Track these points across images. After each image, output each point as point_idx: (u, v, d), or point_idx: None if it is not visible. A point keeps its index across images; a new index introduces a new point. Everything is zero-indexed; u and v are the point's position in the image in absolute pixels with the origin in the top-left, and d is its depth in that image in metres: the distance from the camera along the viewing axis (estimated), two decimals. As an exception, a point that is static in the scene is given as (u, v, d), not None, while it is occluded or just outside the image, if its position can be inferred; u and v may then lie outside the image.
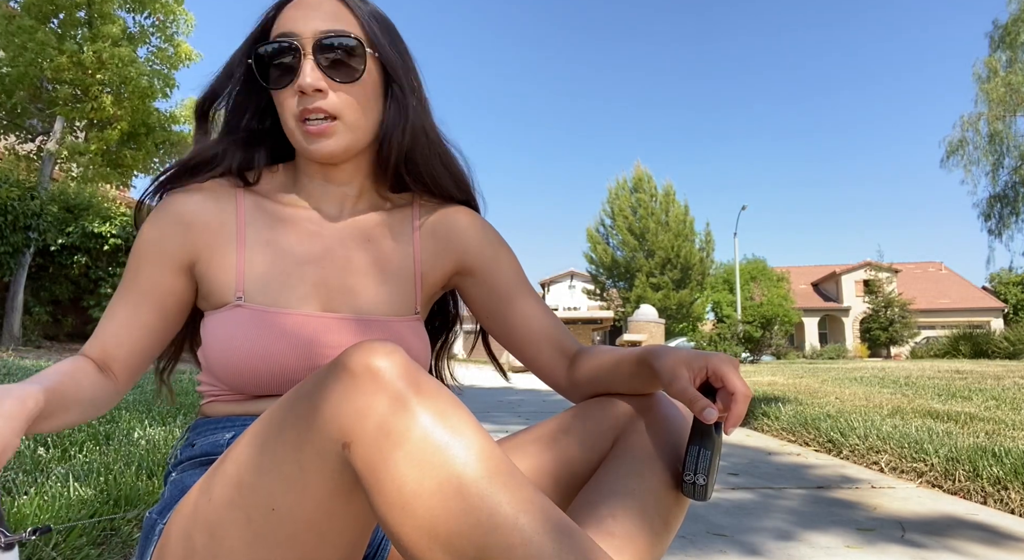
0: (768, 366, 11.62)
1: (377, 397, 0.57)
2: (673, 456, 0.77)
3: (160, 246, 0.86)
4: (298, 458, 0.61)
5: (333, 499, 0.61)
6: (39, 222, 7.73)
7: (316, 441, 0.59)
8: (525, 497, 0.56)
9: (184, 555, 0.67)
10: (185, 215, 0.87)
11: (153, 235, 0.87)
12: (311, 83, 0.81)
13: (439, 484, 0.54)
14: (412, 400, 0.57)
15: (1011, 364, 8.86)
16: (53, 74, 9.80)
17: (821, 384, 5.57)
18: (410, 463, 0.55)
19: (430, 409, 0.57)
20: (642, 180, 28.45)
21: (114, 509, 1.41)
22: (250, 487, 0.63)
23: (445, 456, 0.55)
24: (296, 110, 0.84)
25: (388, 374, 0.58)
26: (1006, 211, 23.72)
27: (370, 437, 0.56)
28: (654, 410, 0.81)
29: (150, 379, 4.63)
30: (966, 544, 1.55)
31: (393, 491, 0.55)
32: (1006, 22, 22.37)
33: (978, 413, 3.38)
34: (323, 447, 0.59)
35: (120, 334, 0.85)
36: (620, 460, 0.77)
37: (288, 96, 0.84)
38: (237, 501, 0.64)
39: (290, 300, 0.86)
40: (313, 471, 0.60)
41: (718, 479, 2.26)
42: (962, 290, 37.00)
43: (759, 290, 30.69)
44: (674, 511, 0.75)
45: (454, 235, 0.97)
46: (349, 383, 0.58)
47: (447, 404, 0.59)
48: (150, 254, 0.86)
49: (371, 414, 0.57)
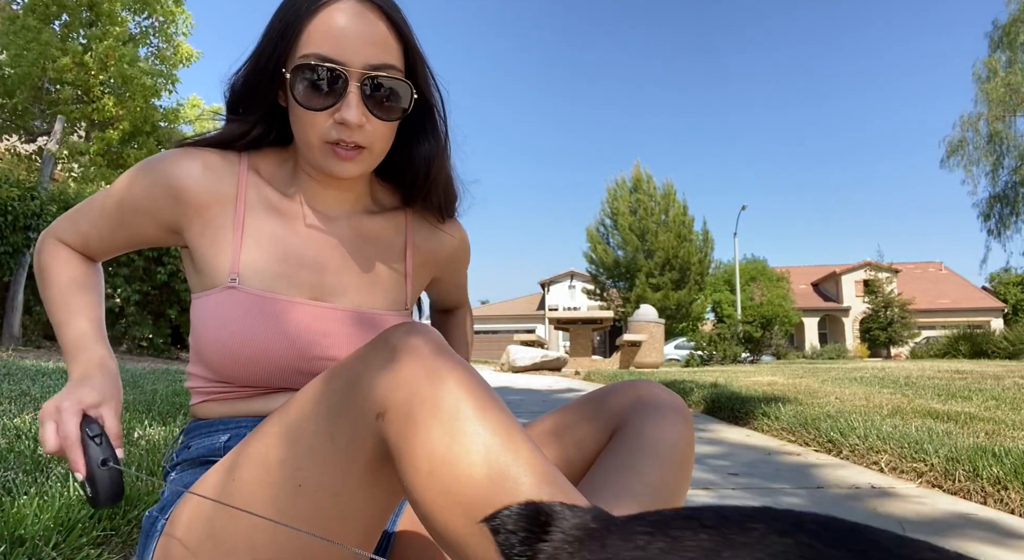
0: (768, 366, 11.62)
1: (414, 369, 0.61)
2: (669, 449, 0.77)
3: (150, 204, 0.89)
4: (331, 431, 0.64)
5: (361, 474, 0.64)
6: (39, 222, 7.72)
7: (351, 412, 0.63)
8: (547, 472, 0.58)
9: (199, 539, 0.68)
10: (178, 185, 0.87)
11: (143, 192, 0.89)
12: (357, 120, 0.81)
13: (467, 451, 0.57)
14: (446, 373, 0.61)
15: (1011, 364, 8.85)
16: (55, 74, 9.80)
17: (821, 384, 5.57)
18: (442, 430, 0.58)
19: (462, 384, 0.60)
20: (641, 180, 28.43)
21: (114, 509, 1.41)
22: (278, 463, 0.65)
23: (475, 426, 0.58)
24: (329, 135, 0.83)
25: (425, 349, 0.62)
26: (1006, 211, 23.73)
27: (405, 405, 0.60)
28: (654, 403, 0.81)
29: (150, 379, 4.63)
30: (966, 544, 1.55)
31: (423, 456, 0.58)
32: (1006, 22, 22.37)
33: (978, 413, 3.38)
34: (357, 419, 0.62)
35: (103, 243, 0.95)
36: (617, 453, 0.77)
37: (321, 118, 0.83)
38: (264, 479, 0.66)
39: (285, 289, 0.86)
40: (345, 443, 0.63)
41: (718, 479, 2.26)
42: (962, 290, 36.99)
43: (759, 290, 30.69)
44: (671, 504, 0.75)
45: (442, 252, 1.06)
46: (389, 355, 0.62)
47: (476, 381, 0.62)
48: (139, 204, 0.90)
49: (407, 385, 0.60)
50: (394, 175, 1.01)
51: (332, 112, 0.82)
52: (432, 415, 0.59)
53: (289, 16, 0.83)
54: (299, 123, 0.85)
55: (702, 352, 16.70)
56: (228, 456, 0.71)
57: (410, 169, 0.97)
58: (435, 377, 0.60)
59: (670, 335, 24.05)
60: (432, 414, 0.59)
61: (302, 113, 0.84)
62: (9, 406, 2.78)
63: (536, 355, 11.06)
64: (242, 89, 0.90)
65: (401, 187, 1.01)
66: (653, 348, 12.78)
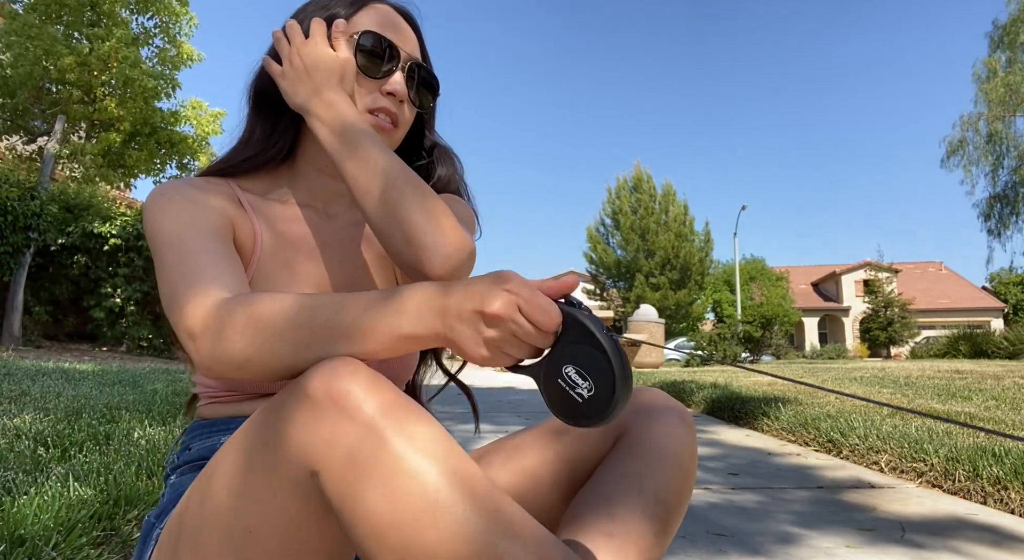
0: (768, 366, 11.62)
1: (343, 424, 0.54)
2: (673, 455, 0.77)
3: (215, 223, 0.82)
4: (269, 482, 0.59)
5: (308, 524, 0.60)
6: (39, 222, 7.72)
7: (284, 467, 0.58)
8: (505, 520, 0.54)
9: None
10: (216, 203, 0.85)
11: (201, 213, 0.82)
12: (404, 92, 0.90)
13: (414, 515, 0.52)
14: (380, 425, 0.55)
15: (1011, 364, 8.85)
16: (57, 74, 9.81)
17: (821, 384, 5.56)
18: (382, 493, 0.53)
19: (400, 432, 0.55)
20: (642, 180, 28.45)
21: (114, 509, 1.41)
22: (226, 507, 0.62)
23: (418, 484, 0.53)
24: (375, 103, 0.89)
25: (354, 399, 0.55)
26: (1006, 211, 23.74)
27: (339, 467, 0.54)
28: (657, 410, 0.81)
29: (150, 379, 4.63)
30: (966, 544, 1.55)
31: (367, 522, 0.53)
32: (1006, 22, 22.38)
33: (978, 413, 3.38)
34: (292, 474, 0.57)
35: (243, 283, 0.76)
36: (620, 460, 0.77)
37: (369, 85, 0.88)
38: (214, 521, 0.63)
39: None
40: (284, 496, 0.59)
41: (718, 479, 2.26)
42: (962, 290, 37.00)
43: (759, 290, 30.70)
44: (674, 511, 0.75)
45: None
46: (312, 411, 0.56)
47: (417, 424, 0.56)
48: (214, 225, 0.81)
49: (338, 443, 0.54)
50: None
51: (381, 83, 0.89)
52: (368, 476, 0.53)
53: (332, 4, 0.90)
54: None
55: (702, 352, 16.71)
56: (192, 486, 0.68)
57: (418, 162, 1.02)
58: (367, 431, 0.54)
59: (670, 335, 24.04)
60: (368, 474, 0.53)
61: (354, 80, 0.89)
62: (9, 406, 2.78)
63: (536, 355, 11.04)
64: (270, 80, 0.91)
65: None
66: (653, 348, 12.78)
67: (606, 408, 0.57)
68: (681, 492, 0.76)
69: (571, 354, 0.58)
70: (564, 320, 0.58)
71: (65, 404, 2.95)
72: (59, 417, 2.56)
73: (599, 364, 0.57)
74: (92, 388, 3.72)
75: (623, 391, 0.57)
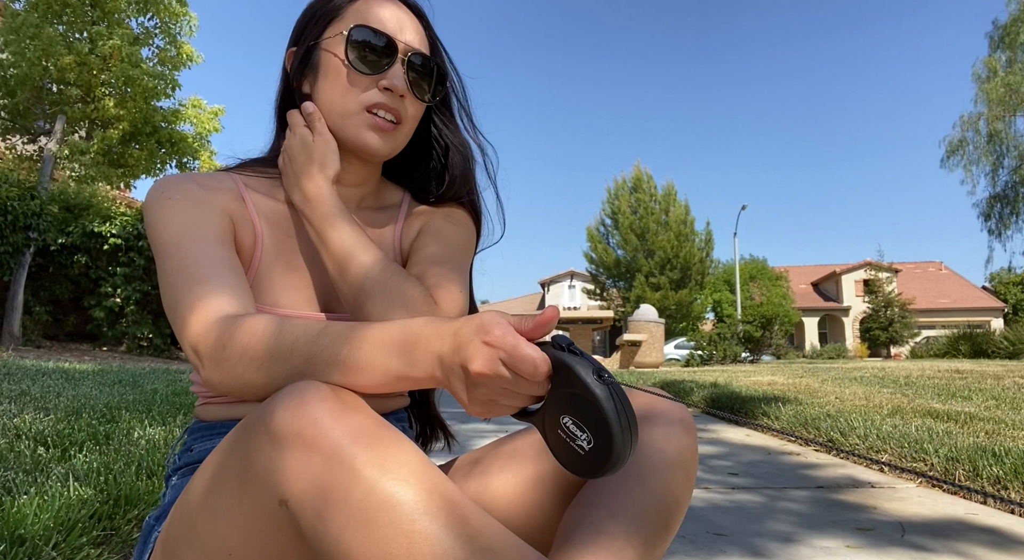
0: (768, 366, 11.62)
1: (309, 455, 0.52)
2: (674, 457, 0.77)
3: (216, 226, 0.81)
4: (242, 508, 0.58)
5: (284, 549, 0.58)
6: (39, 222, 7.72)
7: (254, 495, 0.56)
8: (484, 544, 0.52)
9: None
10: (218, 202, 0.85)
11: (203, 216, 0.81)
12: (402, 87, 0.86)
13: (388, 546, 0.50)
14: (349, 454, 0.52)
15: (1011, 364, 8.85)
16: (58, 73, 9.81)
17: (821, 384, 5.57)
18: (354, 526, 0.51)
19: (371, 460, 0.52)
20: (642, 180, 28.47)
21: (114, 509, 1.41)
22: (205, 529, 0.62)
23: (392, 514, 0.51)
24: (372, 99, 0.85)
25: (320, 426, 0.53)
26: (1006, 211, 23.75)
27: (308, 498, 0.52)
28: (656, 411, 0.80)
29: (150, 379, 4.63)
30: (966, 544, 1.55)
31: (339, 554, 0.52)
32: (1006, 22, 22.39)
33: (978, 413, 3.38)
34: (262, 502, 0.56)
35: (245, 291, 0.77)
36: None
37: (365, 82, 0.86)
38: (195, 541, 0.63)
39: (294, 301, 0.86)
40: (256, 522, 0.57)
41: (718, 479, 2.25)
42: (962, 290, 37.00)
43: (759, 290, 30.69)
44: (674, 514, 0.74)
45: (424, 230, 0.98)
46: (277, 442, 0.54)
47: (388, 449, 0.54)
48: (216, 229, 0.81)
49: (305, 474, 0.52)
50: (403, 173, 1.02)
51: (378, 79, 0.85)
52: (338, 509, 0.51)
53: (329, 3, 0.89)
54: (340, 90, 0.86)
55: (702, 352, 16.70)
56: (179, 499, 0.68)
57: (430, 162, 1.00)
58: (334, 461, 0.52)
59: (670, 335, 24.04)
60: (338, 507, 0.51)
61: (347, 79, 0.86)
62: (9, 406, 2.78)
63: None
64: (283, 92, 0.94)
65: (410, 184, 1.03)
66: (653, 348, 12.79)
67: (608, 461, 0.52)
68: (681, 492, 0.75)
69: (567, 403, 0.54)
70: (553, 365, 0.54)
71: (65, 404, 2.95)
72: (59, 417, 2.56)
73: (594, 414, 0.52)
74: (92, 388, 3.72)
75: (623, 441, 0.52)
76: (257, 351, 0.64)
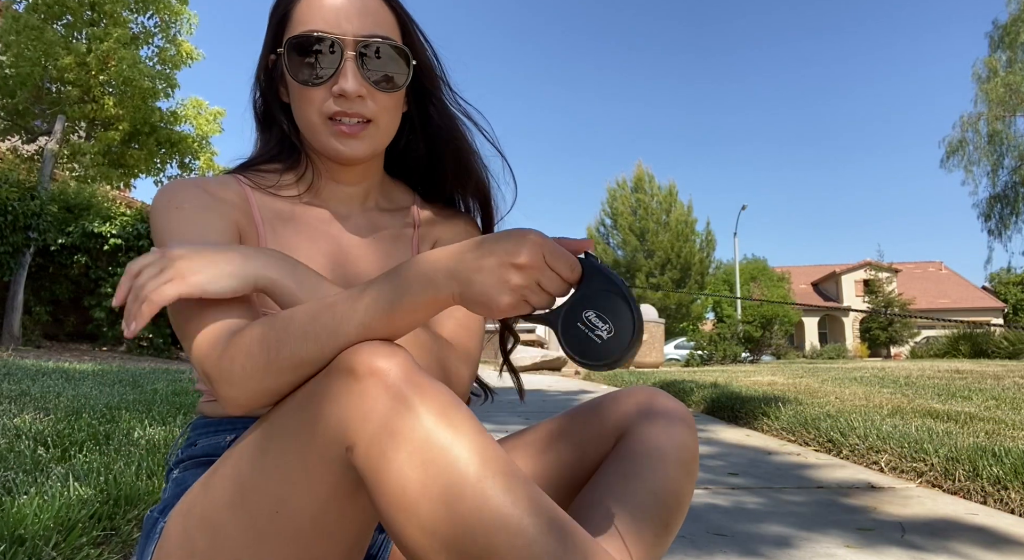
0: (768, 366, 11.61)
1: (379, 398, 0.57)
2: (675, 454, 0.76)
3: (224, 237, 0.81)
4: (303, 462, 0.61)
5: (338, 500, 0.61)
6: (39, 222, 7.72)
7: (320, 445, 0.59)
8: (528, 497, 0.56)
9: (184, 555, 0.67)
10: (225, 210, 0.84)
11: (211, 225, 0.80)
12: (355, 89, 0.80)
13: (443, 486, 0.54)
14: (414, 400, 0.57)
15: (1011, 364, 8.85)
16: (57, 74, 9.82)
17: (821, 384, 5.56)
18: (413, 465, 0.55)
19: (432, 409, 0.57)
20: (642, 180, 28.48)
21: (114, 509, 1.41)
22: (253, 489, 0.63)
23: (448, 457, 0.55)
24: (329, 109, 0.82)
25: (390, 375, 0.57)
26: (1006, 211, 23.76)
27: (373, 439, 0.56)
28: (657, 408, 0.80)
29: (150, 379, 4.63)
30: (966, 545, 1.55)
31: (396, 493, 0.55)
32: (1006, 22, 22.39)
33: (978, 413, 3.38)
34: (327, 451, 0.59)
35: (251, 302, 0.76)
36: (621, 460, 0.77)
37: (319, 94, 0.82)
38: (239, 503, 0.64)
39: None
40: (318, 474, 0.60)
41: (718, 479, 2.25)
42: (962, 290, 37.01)
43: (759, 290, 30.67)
44: (675, 512, 0.74)
45: (446, 239, 0.97)
46: (352, 384, 0.58)
47: (449, 404, 0.58)
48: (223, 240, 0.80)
49: (373, 416, 0.56)
50: (407, 170, 1.01)
51: (330, 85, 0.81)
52: (400, 448, 0.55)
53: (280, 6, 0.85)
54: (299, 104, 0.84)
55: (702, 352, 16.69)
56: (205, 475, 0.69)
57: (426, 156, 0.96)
58: (402, 405, 0.56)
59: (670, 335, 24.03)
60: (400, 446, 0.55)
61: (301, 92, 0.83)
62: (9, 406, 2.77)
63: (536, 355, 11.08)
64: (261, 98, 0.92)
65: (416, 183, 1.01)
66: (653, 348, 12.78)
67: (624, 349, 0.62)
68: (682, 492, 0.75)
69: (592, 300, 0.63)
70: (584, 271, 0.63)
71: (65, 404, 2.95)
72: (59, 417, 2.56)
73: (619, 309, 0.62)
74: (92, 388, 3.72)
75: (640, 334, 0.62)
76: (260, 353, 0.63)
